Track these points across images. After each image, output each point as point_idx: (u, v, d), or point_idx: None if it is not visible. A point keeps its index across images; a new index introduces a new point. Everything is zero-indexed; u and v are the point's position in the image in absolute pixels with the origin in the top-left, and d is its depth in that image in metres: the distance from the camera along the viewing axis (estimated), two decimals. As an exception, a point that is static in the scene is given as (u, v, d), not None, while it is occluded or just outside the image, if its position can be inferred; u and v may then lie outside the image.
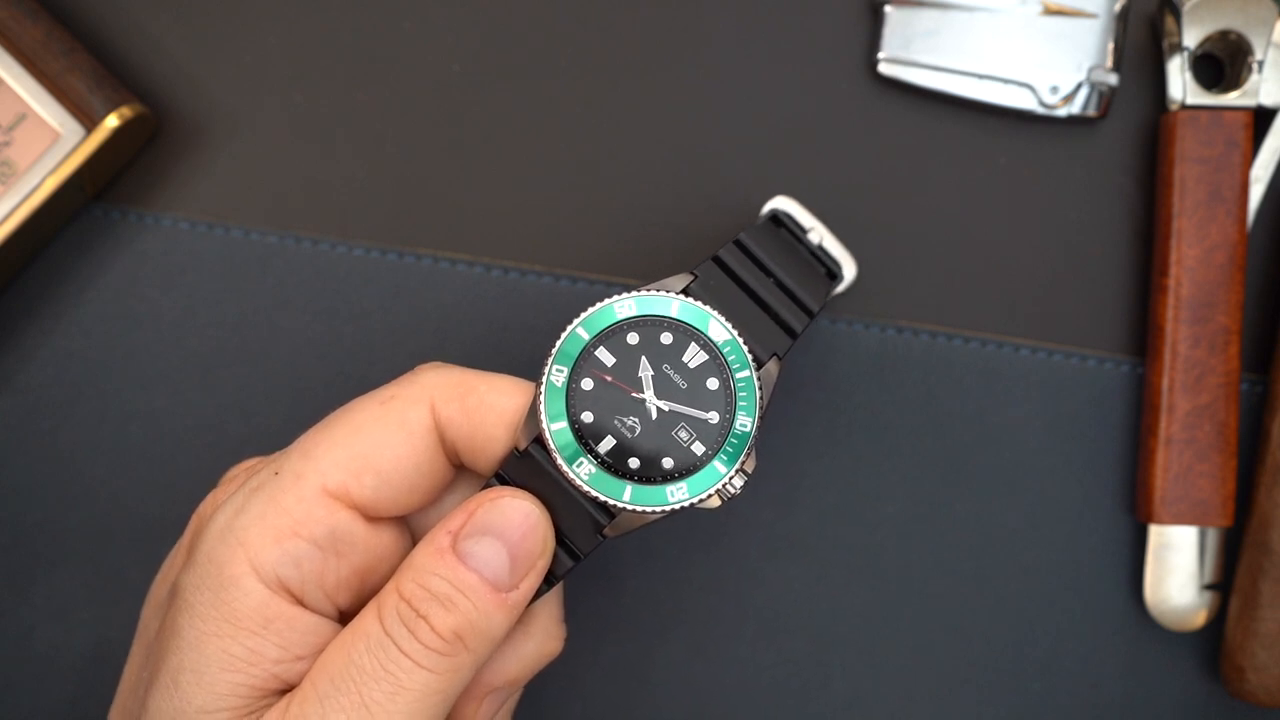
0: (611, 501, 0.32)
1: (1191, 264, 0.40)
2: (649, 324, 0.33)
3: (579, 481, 0.32)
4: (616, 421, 0.33)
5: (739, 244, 0.35)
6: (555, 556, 0.32)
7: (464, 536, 0.31)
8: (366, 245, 0.43)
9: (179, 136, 0.43)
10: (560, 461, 0.32)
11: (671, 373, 0.33)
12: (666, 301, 0.33)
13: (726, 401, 0.33)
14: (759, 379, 0.33)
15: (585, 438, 0.32)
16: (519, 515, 0.31)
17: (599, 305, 0.33)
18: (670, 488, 0.32)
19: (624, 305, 0.33)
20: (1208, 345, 0.40)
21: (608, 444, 0.33)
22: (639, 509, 0.32)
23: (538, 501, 0.32)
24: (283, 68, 0.43)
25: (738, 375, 0.33)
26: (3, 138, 0.40)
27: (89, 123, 0.40)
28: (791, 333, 0.34)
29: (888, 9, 0.41)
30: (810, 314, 0.35)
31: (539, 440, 0.32)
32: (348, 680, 0.30)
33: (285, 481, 0.31)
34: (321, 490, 0.31)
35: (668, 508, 0.32)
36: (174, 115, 0.43)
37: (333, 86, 0.43)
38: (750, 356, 0.33)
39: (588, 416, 0.33)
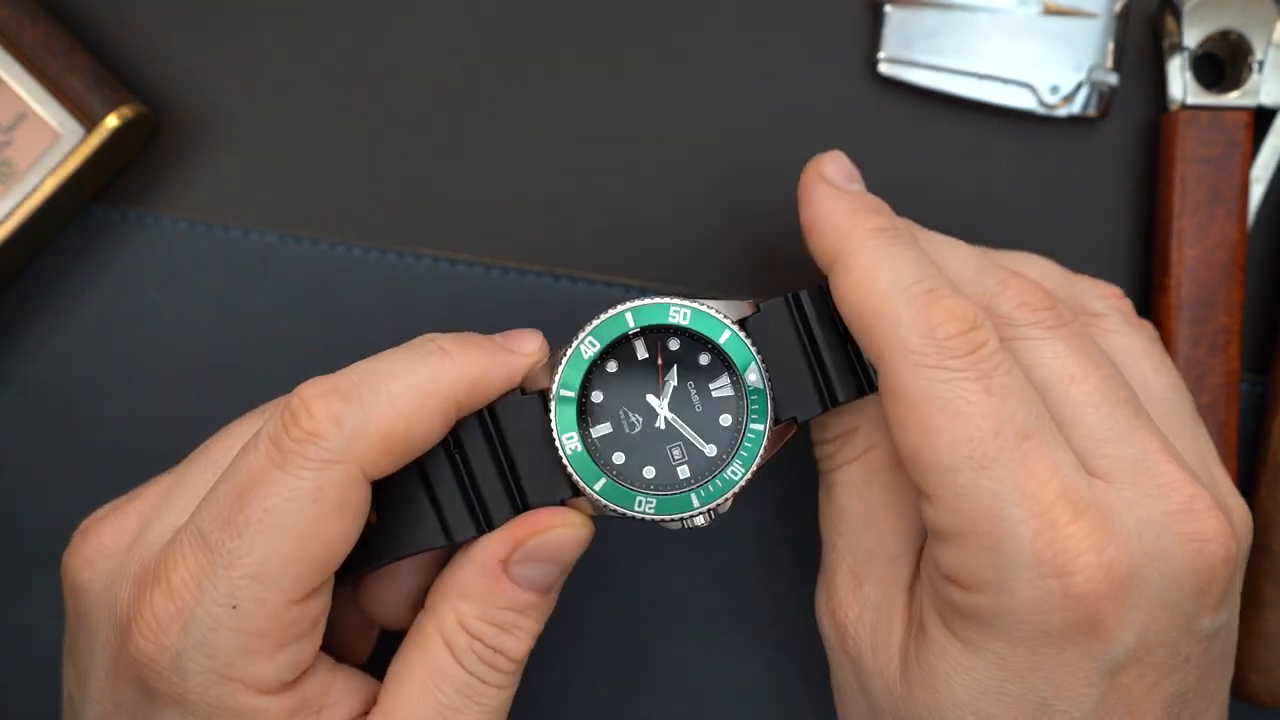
0: (583, 485, 0.32)
1: (1192, 264, 0.40)
2: (694, 338, 0.33)
3: (562, 453, 0.32)
4: (622, 413, 0.33)
5: (823, 289, 0.34)
6: (498, 500, 0.33)
7: (515, 562, 0.33)
8: (366, 245, 0.43)
9: (179, 136, 0.43)
10: (554, 425, 0.32)
11: (693, 392, 0.33)
12: (719, 327, 0.33)
13: (731, 443, 0.33)
14: (769, 438, 0.33)
15: (586, 414, 0.33)
16: (573, 545, 0.33)
17: (655, 300, 0.33)
18: (640, 497, 0.32)
19: (679, 311, 0.33)
20: (1208, 345, 0.40)
21: (603, 429, 0.33)
22: (604, 503, 0.32)
23: (588, 520, 0.33)
24: (282, 68, 0.43)
25: (752, 425, 0.33)
26: (2, 138, 0.40)
27: (88, 122, 0.40)
28: (833, 399, 0.33)
29: (888, 9, 0.41)
30: (865, 389, 0.34)
31: (542, 394, 0.33)
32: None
33: (250, 610, 0.31)
34: (290, 604, 0.31)
35: (629, 514, 0.32)
36: (174, 115, 0.43)
37: (332, 86, 0.43)
38: (772, 412, 0.33)
39: (598, 396, 0.33)
